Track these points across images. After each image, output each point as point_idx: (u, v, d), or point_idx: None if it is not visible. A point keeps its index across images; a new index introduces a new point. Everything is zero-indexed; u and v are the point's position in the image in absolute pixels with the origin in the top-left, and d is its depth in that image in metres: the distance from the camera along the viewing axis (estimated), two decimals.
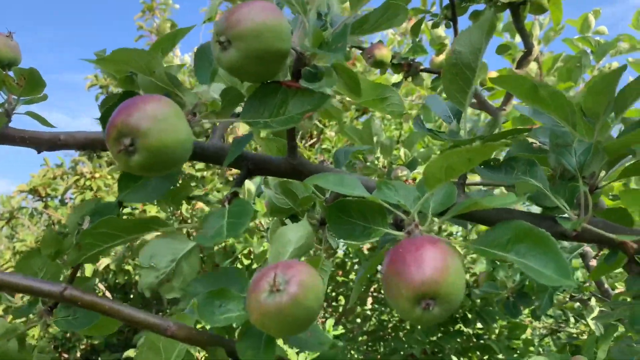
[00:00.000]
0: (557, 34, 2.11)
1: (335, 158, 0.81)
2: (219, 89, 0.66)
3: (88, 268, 3.65)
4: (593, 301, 1.89)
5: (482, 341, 3.13)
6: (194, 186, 3.34)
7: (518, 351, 3.07)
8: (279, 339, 0.57)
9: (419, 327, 3.25)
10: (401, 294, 0.50)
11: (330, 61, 0.59)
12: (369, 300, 4.07)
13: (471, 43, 0.64)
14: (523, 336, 3.18)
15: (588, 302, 1.97)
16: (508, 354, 2.98)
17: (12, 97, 0.71)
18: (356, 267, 4.35)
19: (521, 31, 1.50)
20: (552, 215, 0.67)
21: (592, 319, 1.71)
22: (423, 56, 1.53)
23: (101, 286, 4.13)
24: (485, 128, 0.70)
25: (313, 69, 0.61)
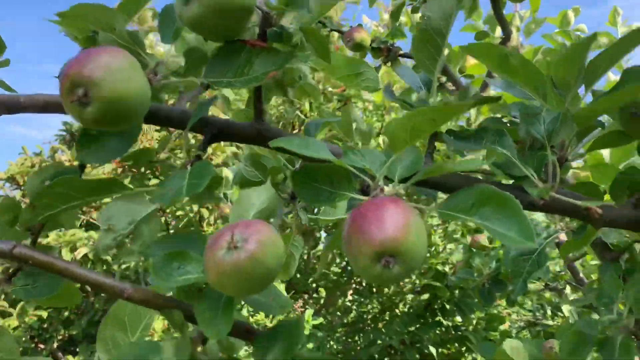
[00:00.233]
0: (537, 27, 2.12)
1: (305, 130, 0.80)
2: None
3: (67, 255, 3.60)
4: (568, 289, 1.91)
5: (460, 332, 3.15)
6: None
7: (496, 343, 3.10)
8: (238, 300, 0.56)
9: (397, 319, 3.26)
10: (361, 252, 0.49)
11: (298, 19, 0.58)
12: (350, 292, 4.08)
13: (441, 8, 0.63)
14: (501, 327, 3.21)
15: (563, 291, 1.99)
16: None
17: None
18: (338, 261, 4.36)
19: (499, 18, 1.50)
20: (521, 185, 0.67)
21: (567, 306, 1.72)
22: (403, 40, 1.53)
23: None
24: (456, 97, 0.69)
25: (279, 29, 0.59)
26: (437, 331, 3.18)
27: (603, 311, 0.70)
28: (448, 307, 3.05)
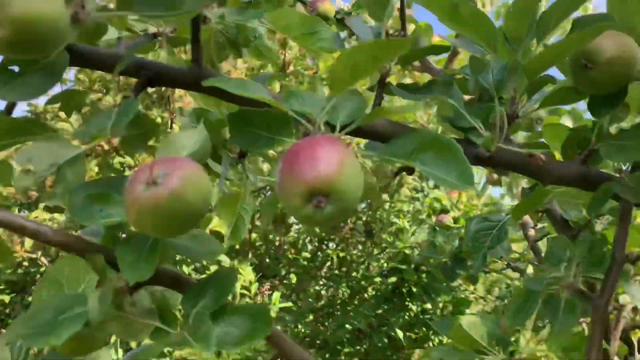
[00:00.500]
0: None
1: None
2: None
3: (28, 243, 3.49)
4: (530, 269, 1.93)
5: (427, 316, 3.17)
6: None
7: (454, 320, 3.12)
8: (168, 247, 0.53)
9: (366, 303, 3.26)
10: (292, 191, 0.46)
11: None
12: (321, 277, 4.08)
13: None
14: (467, 312, 3.24)
15: (525, 271, 2.01)
16: None
17: None
18: (310, 248, 4.35)
19: None
20: (469, 138, 0.65)
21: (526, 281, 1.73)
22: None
23: (44, 260, 3.97)
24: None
25: None
26: (405, 315, 3.19)
27: (550, 270, 0.69)
28: (415, 291, 3.06)
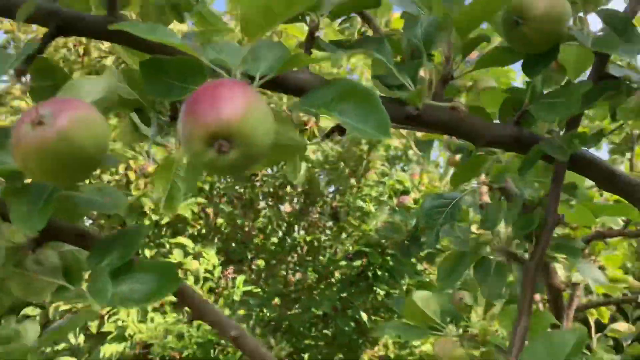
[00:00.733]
0: None
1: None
2: None
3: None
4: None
5: (392, 299, 3.18)
6: None
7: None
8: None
9: (332, 287, 3.26)
10: (193, 134, 0.44)
11: None
12: (289, 262, 4.07)
13: None
14: None
15: None
16: None
17: None
18: (280, 234, 4.32)
19: None
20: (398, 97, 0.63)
21: None
22: None
23: None
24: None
25: None
26: (370, 298, 3.20)
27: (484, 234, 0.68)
28: (380, 274, 3.07)
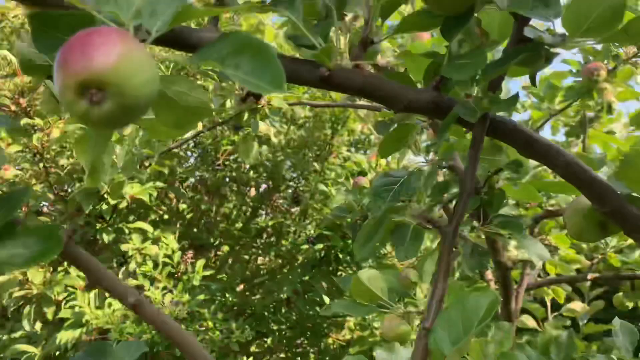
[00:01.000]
0: None
1: None
2: None
3: None
4: None
5: None
6: None
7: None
8: None
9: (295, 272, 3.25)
10: (64, 84, 0.41)
11: None
12: (252, 248, 4.04)
13: None
14: None
15: None
16: None
17: None
18: (244, 219, 4.29)
19: None
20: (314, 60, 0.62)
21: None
22: None
23: None
24: None
25: None
26: (332, 282, 3.20)
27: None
28: (342, 257, 3.07)
